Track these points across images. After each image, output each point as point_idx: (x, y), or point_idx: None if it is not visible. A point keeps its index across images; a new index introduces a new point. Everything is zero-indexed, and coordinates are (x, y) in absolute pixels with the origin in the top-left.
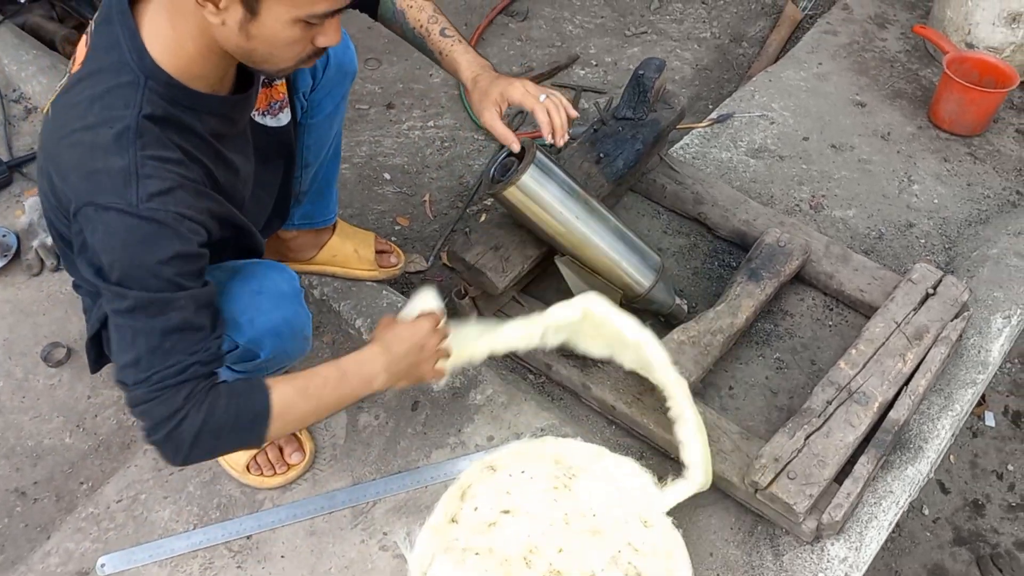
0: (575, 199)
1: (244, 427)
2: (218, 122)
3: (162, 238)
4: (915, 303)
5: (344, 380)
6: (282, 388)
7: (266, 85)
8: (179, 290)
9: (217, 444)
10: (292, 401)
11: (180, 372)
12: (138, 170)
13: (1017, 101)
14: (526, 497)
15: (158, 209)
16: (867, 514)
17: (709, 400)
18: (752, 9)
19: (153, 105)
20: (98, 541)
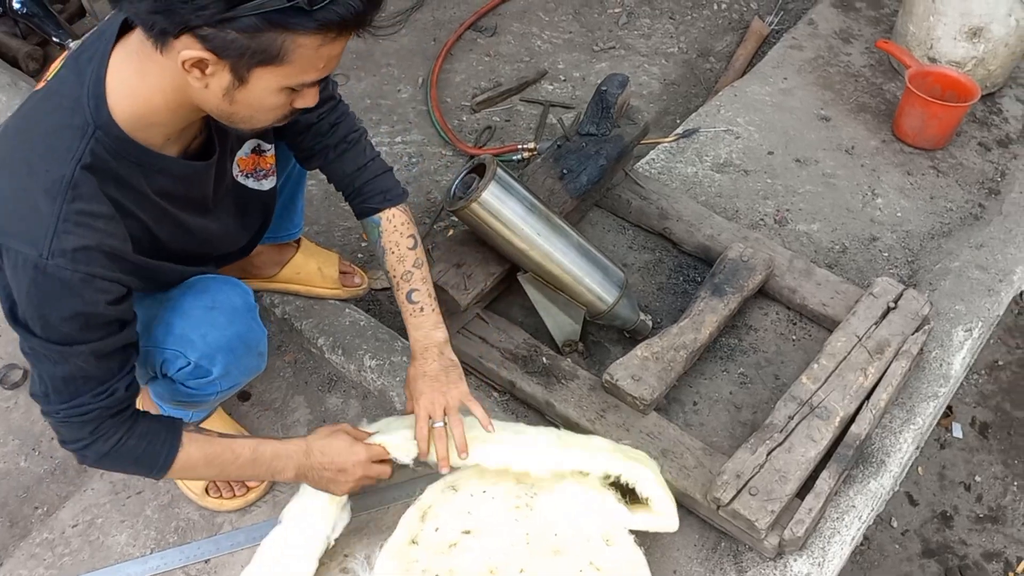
0: (536, 215)
1: (143, 467)
2: (170, 182)
3: (64, 297)
4: (876, 317)
5: (254, 465)
6: (191, 451)
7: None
8: (77, 344)
9: (115, 468)
10: (194, 464)
11: (85, 413)
12: (58, 223)
13: (979, 115)
14: (487, 517)
15: (65, 268)
16: (830, 529)
17: (673, 416)
18: (719, 24)
19: (95, 156)
20: (52, 567)
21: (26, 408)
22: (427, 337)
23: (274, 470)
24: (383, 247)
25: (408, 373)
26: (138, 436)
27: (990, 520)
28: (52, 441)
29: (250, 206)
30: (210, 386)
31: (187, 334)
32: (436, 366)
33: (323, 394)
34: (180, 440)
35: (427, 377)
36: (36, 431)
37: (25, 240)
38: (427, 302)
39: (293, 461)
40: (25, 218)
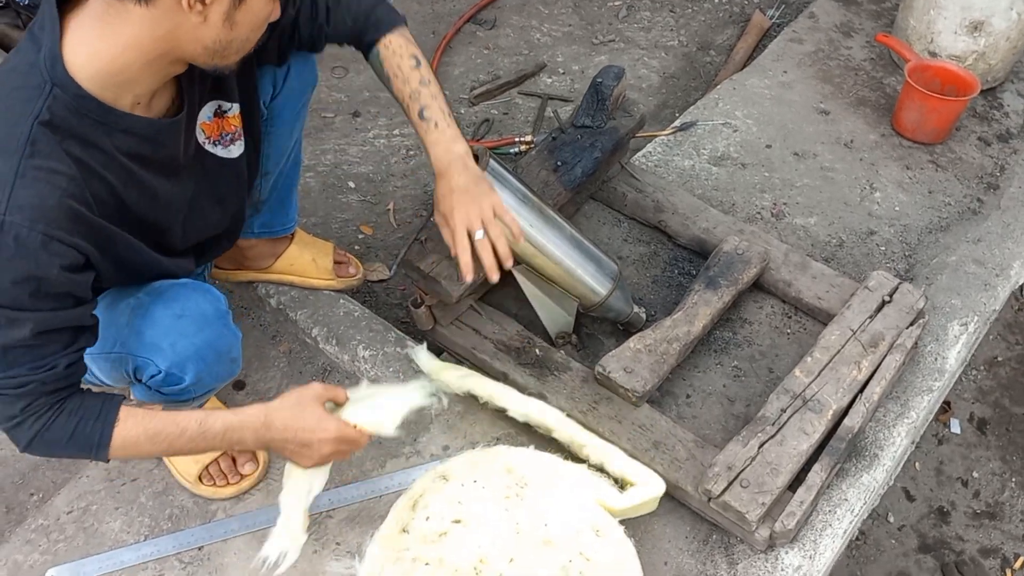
0: (529, 207)
1: (80, 448)
2: (136, 142)
3: (17, 257)
4: (871, 311)
5: (204, 438)
6: (129, 426)
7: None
8: (24, 311)
9: (53, 452)
10: (135, 441)
11: (19, 386)
12: (16, 179)
13: (980, 109)
14: (478, 507)
15: (21, 225)
16: (821, 522)
17: (666, 408)
18: (720, 17)
19: (53, 114)
20: (47, 553)
21: None
22: (448, 152)
23: (229, 441)
24: (387, 75)
25: (436, 193)
26: (68, 413)
27: (987, 516)
28: None
29: (222, 179)
30: (183, 393)
31: (157, 342)
32: (464, 179)
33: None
34: (116, 416)
35: (457, 191)
36: None
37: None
38: (440, 117)
39: (250, 432)
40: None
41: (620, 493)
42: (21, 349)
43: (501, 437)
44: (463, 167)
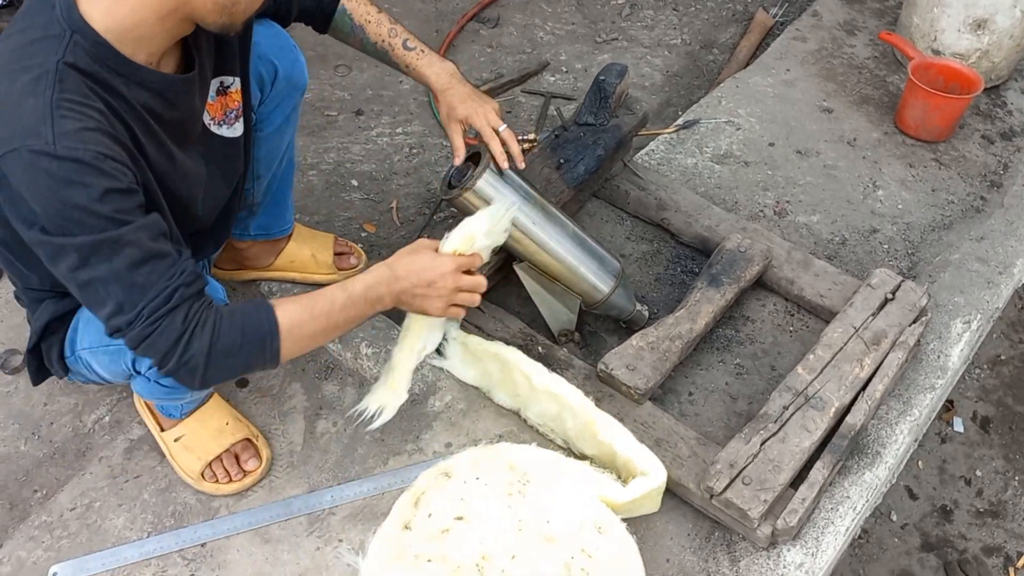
0: (532, 204)
1: (253, 344)
2: (151, 98)
3: (87, 175)
4: (874, 308)
5: (351, 303)
6: (287, 306)
7: (221, 92)
8: (123, 225)
9: (230, 363)
10: (299, 319)
11: (168, 299)
12: (53, 110)
13: (983, 107)
14: (480, 504)
15: (76, 147)
16: (824, 520)
17: (668, 406)
18: (723, 16)
19: (76, 57)
20: (51, 549)
21: (26, 393)
22: (443, 70)
23: (371, 300)
24: (358, 25)
25: (445, 104)
26: (230, 314)
27: (990, 515)
28: (52, 426)
29: (228, 160)
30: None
31: None
32: (468, 88)
33: (320, 381)
34: (270, 304)
35: (468, 99)
36: (36, 416)
37: (27, 136)
38: (422, 46)
39: (384, 286)
40: (16, 119)
41: (623, 487)
42: (145, 262)
43: (503, 434)
44: (462, 80)
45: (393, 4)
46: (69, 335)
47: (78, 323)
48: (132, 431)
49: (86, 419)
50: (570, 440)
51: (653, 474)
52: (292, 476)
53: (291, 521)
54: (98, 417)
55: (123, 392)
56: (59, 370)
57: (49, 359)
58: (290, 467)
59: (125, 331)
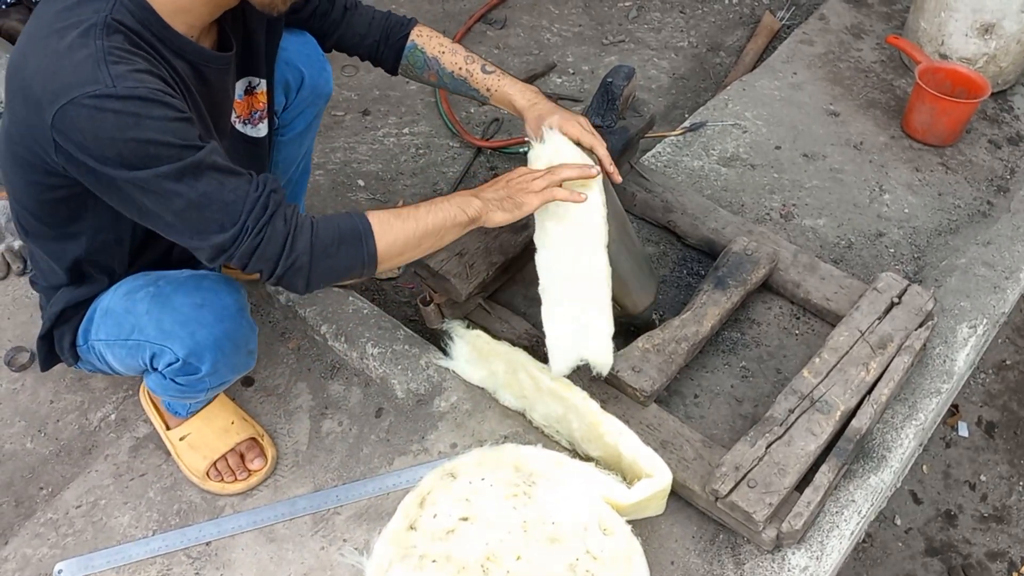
0: (617, 220)
1: (351, 243)
2: (187, 69)
3: (153, 107)
4: (880, 312)
5: (435, 207)
6: (376, 214)
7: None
8: (198, 150)
9: (332, 263)
10: (389, 221)
11: (264, 206)
12: (105, 56)
13: (990, 112)
14: (485, 504)
15: (136, 86)
16: (828, 523)
17: (674, 408)
18: (730, 19)
19: (123, 16)
20: (56, 547)
21: (33, 390)
22: (525, 88)
23: (460, 205)
24: (433, 57)
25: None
26: (324, 218)
27: (995, 520)
28: (58, 423)
29: (252, 160)
30: (199, 383)
31: (176, 331)
32: (552, 104)
33: (325, 381)
34: (359, 211)
35: (556, 111)
36: (42, 413)
37: (85, 84)
38: (498, 69)
39: (469, 194)
40: (71, 72)
41: (628, 489)
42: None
43: (509, 435)
44: (545, 98)
45: (401, 5)
46: (83, 324)
47: (94, 313)
48: (138, 429)
49: (92, 417)
50: (575, 441)
51: (658, 476)
52: (297, 476)
53: (296, 520)
54: (104, 415)
55: (129, 390)
56: (69, 357)
57: (61, 346)
58: (295, 466)
59: (231, 249)
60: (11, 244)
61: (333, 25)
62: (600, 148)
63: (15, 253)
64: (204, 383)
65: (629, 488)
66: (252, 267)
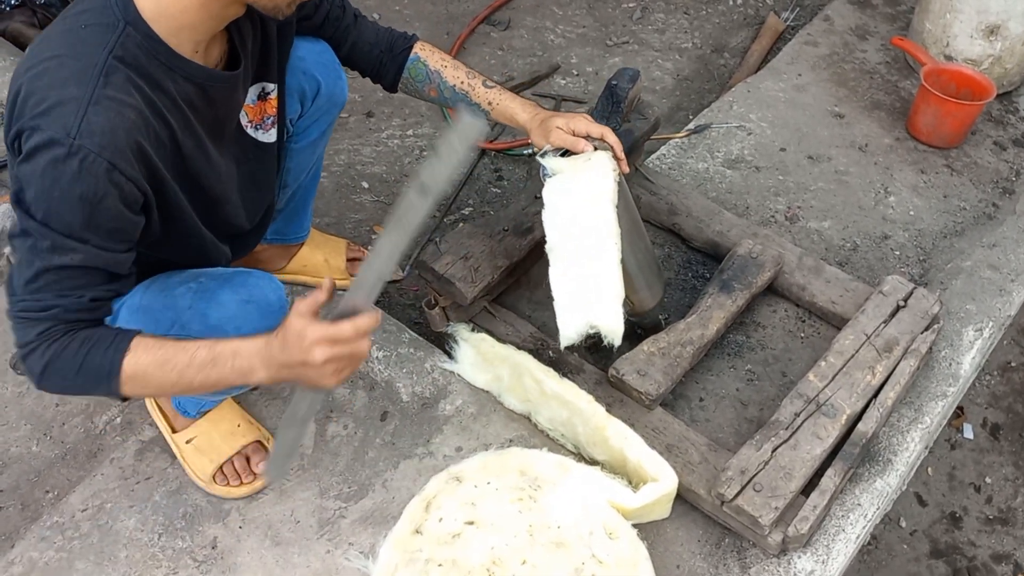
0: (629, 215)
1: (90, 378)
2: (195, 92)
3: (79, 181)
4: (886, 315)
5: (214, 365)
6: (139, 354)
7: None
8: (73, 239)
9: (66, 385)
10: (146, 371)
11: (42, 309)
12: (89, 105)
13: (995, 113)
14: (491, 509)
15: (89, 149)
16: (834, 527)
17: (679, 411)
18: (734, 20)
19: (126, 51)
20: (62, 550)
21: (38, 394)
22: (525, 102)
23: (240, 371)
24: (435, 70)
25: (537, 130)
26: (80, 341)
27: (1000, 522)
28: (63, 427)
29: (261, 164)
30: None
31: (222, 325)
32: (551, 112)
33: None
34: (128, 345)
35: (558, 115)
36: (48, 416)
37: (54, 121)
38: (499, 85)
39: (258, 358)
40: (56, 104)
41: (633, 493)
42: (56, 275)
43: (514, 439)
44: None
45: (404, 7)
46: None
47: (119, 312)
48: (143, 432)
49: (97, 420)
50: (580, 445)
51: (664, 480)
52: (302, 479)
53: (302, 524)
54: (110, 418)
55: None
56: None
57: None
58: (300, 470)
59: (8, 304)
60: None
61: (346, 31)
62: (610, 136)
63: None
64: None
65: (635, 492)
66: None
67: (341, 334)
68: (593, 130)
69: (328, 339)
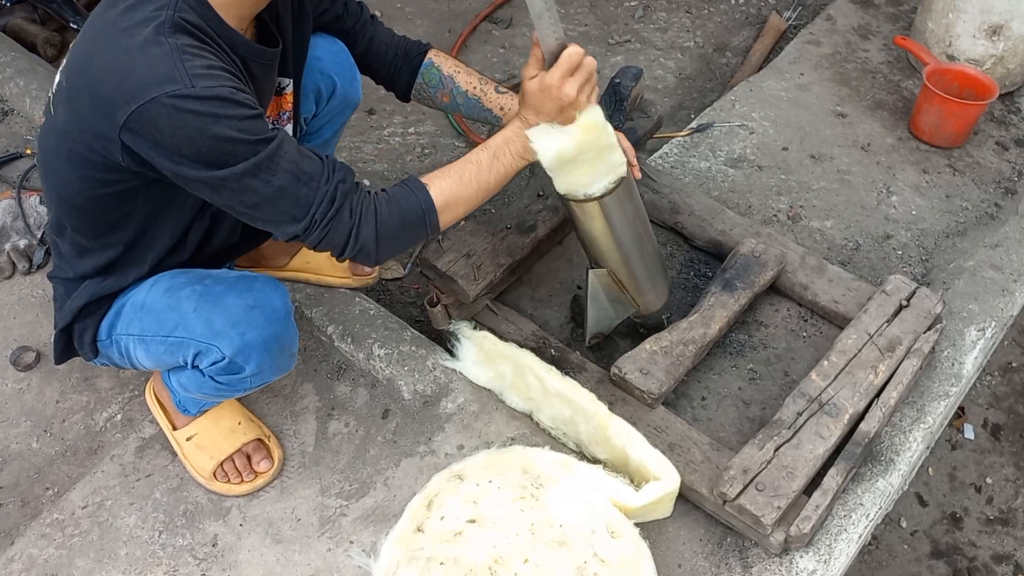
0: (640, 219)
1: (414, 224)
2: (240, 65)
3: (230, 107)
4: (888, 315)
5: (497, 160)
6: (439, 183)
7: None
8: (270, 142)
9: (397, 243)
10: (452, 191)
11: (332, 199)
12: (180, 54)
13: (997, 113)
14: (493, 507)
15: (213, 86)
16: (836, 527)
17: (681, 410)
18: (736, 19)
19: (185, 13)
20: (62, 547)
21: (39, 390)
22: None
23: (518, 152)
24: (448, 76)
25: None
26: (387, 200)
27: (1000, 522)
28: (64, 423)
29: None
30: (241, 383)
31: (226, 330)
32: None
33: (332, 382)
34: (422, 184)
35: None
36: (48, 413)
37: (161, 83)
38: (511, 91)
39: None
40: (147, 69)
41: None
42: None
43: (516, 437)
44: None
45: (407, 4)
46: (108, 319)
47: (122, 308)
48: (144, 430)
49: (98, 417)
50: (583, 444)
51: (666, 479)
52: (304, 477)
53: (303, 522)
54: (110, 415)
55: (135, 390)
56: (88, 352)
57: (81, 340)
58: (302, 468)
59: (302, 236)
60: (16, 243)
61: (365, 27)
62: (623, 141)
63: (20, 252)
64: (246, 383)
65: (637, 491)
66: (321, 249)
67: (572, 62)
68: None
69: (566, 74)
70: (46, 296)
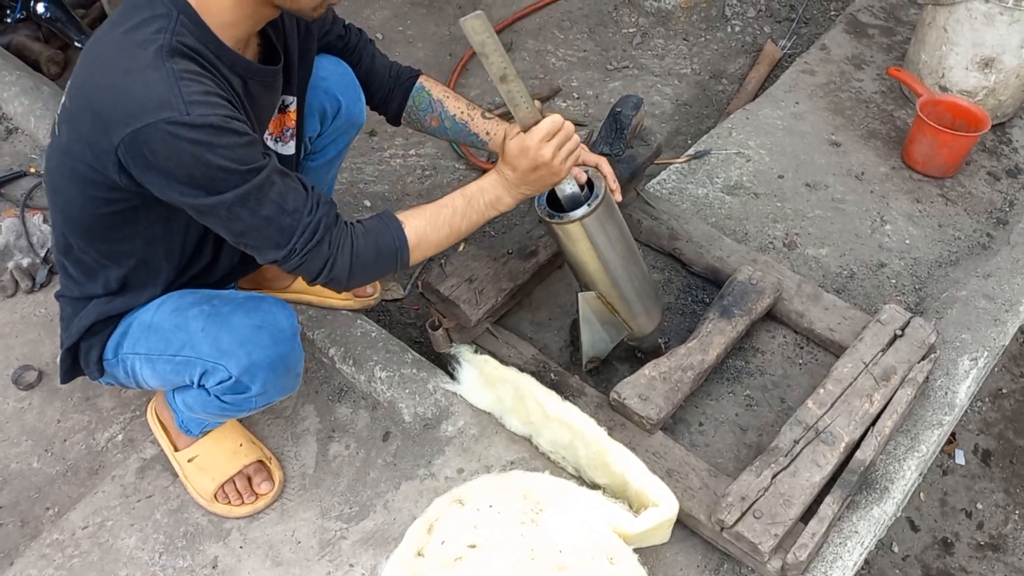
0: (625, 242)
1: (387, 259)
2: (240, 84)
3: (224, 135)
4: (883, 344)
5: (470, 207)
6: (413, 222)
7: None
8: (259, 172)
9: (368, 274)
10: (425, 232)
11: (314, 231)
12: (177, 81)
13: (989, 144)
14: (493, 531)
15: (207, 114)
16: (832, 554)
17: (679, 436)
18: (732, 47)
19: (183, 37)
20: (62, 568)
21: (40, 409)
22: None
23: (490, 203)
24: (438, 100)
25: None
26: (363, 234)
27: (991, 548)
28: (65, 443)
29: None
30: (246, 402)
31: (234, 350)
32: None
33: (333, 403)
34: (399, 222)
35: None
36: (49, 432)
37: (158, 108)
38: (496, 116)
39: (500, 186)
40: (145, 92)
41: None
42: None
43: (516, 461)
44: None
45: (407, 27)
46: (115, 338)
47: (129, 327)
48: (145, 450)
49: (99, 437)
50: (582, 468)
51: (664, 505)
52: (304, 499)
53: (303, 544)
54: (111, 435)
55: (136, 411)
56: (94, 371)
57: (87, 359)
58: (302, 490)
59: (281, 262)
60: (20, 262)
61: (366, 46)
62: (604, 165)
63: (23, 271)
64: (252, 402)
65: (635, 517)
66: (296, 274)
67: (551, 128)
68: (588, 159)
69: (545, 136)
70: (49, 315)
